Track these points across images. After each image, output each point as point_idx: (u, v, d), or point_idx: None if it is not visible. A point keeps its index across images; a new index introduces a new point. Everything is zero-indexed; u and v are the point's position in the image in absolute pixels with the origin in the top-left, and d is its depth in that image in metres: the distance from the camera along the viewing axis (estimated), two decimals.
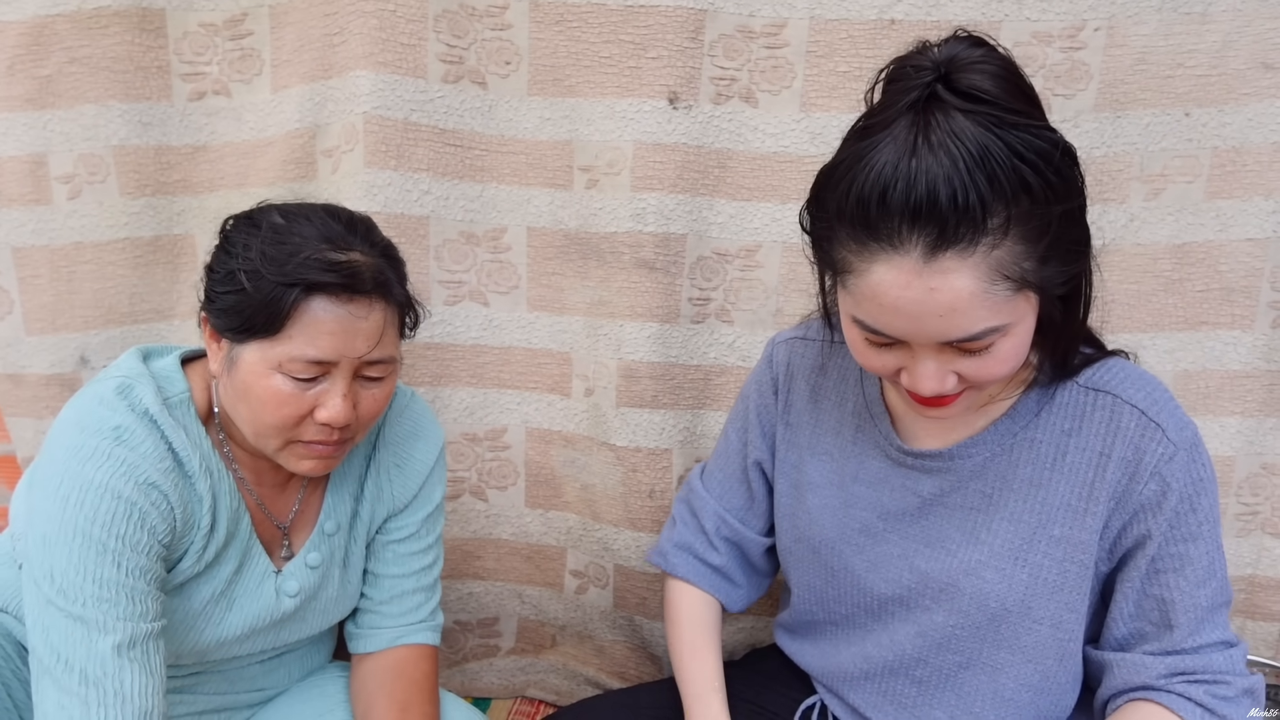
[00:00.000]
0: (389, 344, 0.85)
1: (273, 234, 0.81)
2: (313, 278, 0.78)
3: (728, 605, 1.04)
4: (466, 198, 1.29)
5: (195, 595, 0.87)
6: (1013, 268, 0.68)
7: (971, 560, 0.84)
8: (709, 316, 1.30)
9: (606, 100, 1.24)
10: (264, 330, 0.80)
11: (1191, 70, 1.17)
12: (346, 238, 0.82)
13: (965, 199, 0.65)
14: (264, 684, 0.99)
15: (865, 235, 0.69)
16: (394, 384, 0.89)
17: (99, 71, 1.26)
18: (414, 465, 1.00)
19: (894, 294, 0.69)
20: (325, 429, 0.83)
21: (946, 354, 0.73)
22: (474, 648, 1.48)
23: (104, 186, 1.31)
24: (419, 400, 1.05)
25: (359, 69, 1.22)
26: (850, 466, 0.92)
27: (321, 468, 0.86)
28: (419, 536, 1.01)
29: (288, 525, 0.95)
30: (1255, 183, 1.19)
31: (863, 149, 0.70)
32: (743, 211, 1.26)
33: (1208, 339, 1.25)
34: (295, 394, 0.81)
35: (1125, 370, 0.83)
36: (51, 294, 1.33)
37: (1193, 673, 0.80)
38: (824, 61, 1.21)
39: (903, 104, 0.69)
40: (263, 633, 0.93)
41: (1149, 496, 0.80)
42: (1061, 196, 0.69)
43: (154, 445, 0.81)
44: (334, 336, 0.80)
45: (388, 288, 0.84)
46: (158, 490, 0.80)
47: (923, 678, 0.89)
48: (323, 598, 0.96)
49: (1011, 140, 0.66)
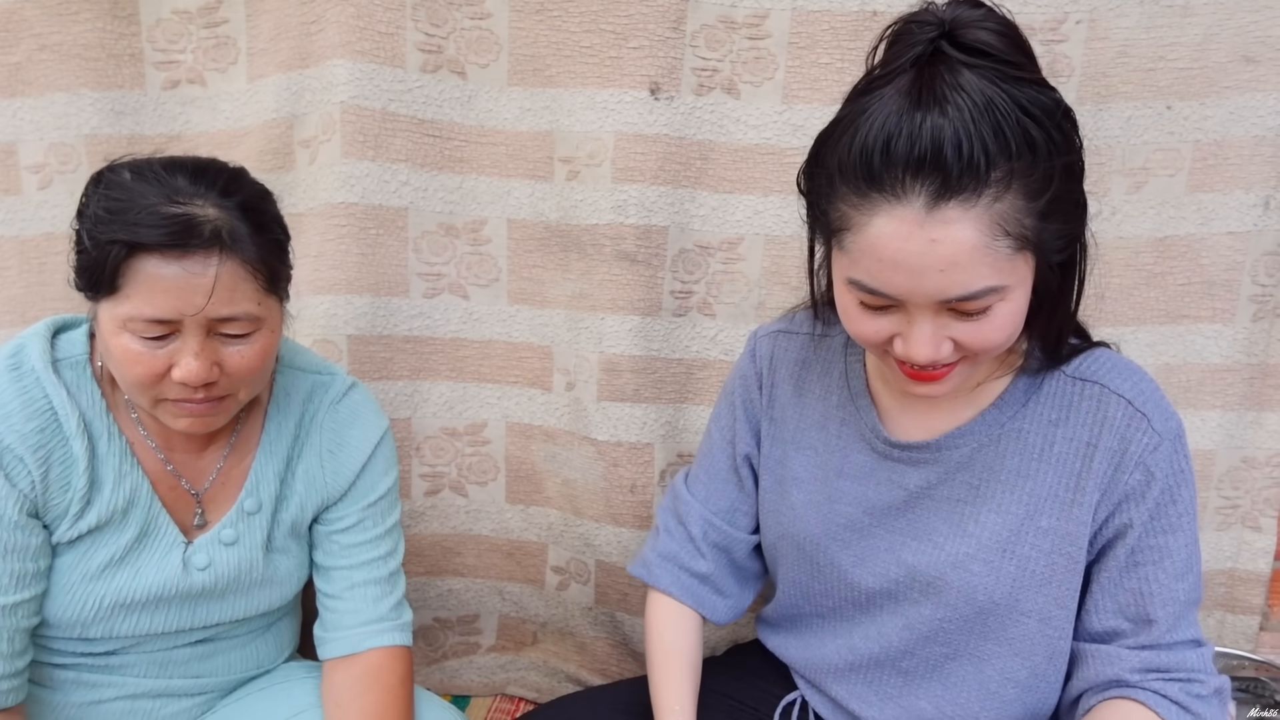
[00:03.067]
0: (240, 300, 0.82)
1: (110, 192, 0.81)
2: (134, 235, 0.78)
3: (712, 618, 1.01)
4: (446, 189, 1.27)
5: (91, 558, 0.87)
6: (1014, 223, 0.68)
7: (959, 553, 0.83)
8: (691, 310, 1.29)
9: (587, 91, 1.22)
10: (104, 289, 0.80)
11: (1173, 63, 1.17)
12: (187, 190, 0.81)
13: (970, 150, 0.66)
14: (200, 671, 0.97)
15: (867, 186, 0.69)
16: (268, 341, 0.87)
17: (70, 59, 1.24)
18: (348, 453, 0.99)
19: (894, 245, 0.69)
20: (186, 388, 0.82)
21: (943, 317, 0.72)
22: (454, 645, 1.46)
23: (75, 176, 1.28)
24: (360, 389, 1.03)
25: (336, 58, 1.21)
26: (835, 461, 0.91)
27: (200, 425, 0.86)
28: (363, 527, 0.99)
29: (202, 493, 0.94)
30: (1236, 176, 1.20)
31: (866, 102, 0.70)
32: (725, 204, 1.25)
33: (1189, 332, 1.25)
34: (146, 352, 0.80)
35: (1113, 361, 0.83)
36: (21, 285, 1.31)
37: (1168, 670, 0.80)
38: (806, 53, 1.20)
39: (906, 59, 0.69)
40: (174, 606, 0.92)
41: (1133, 486, 0.79)
42: (1063, 153, 0.69)
43: (24, 404, 0.83)
44: (168, 294, 0.79)
45: (233, 240, 0.81)
46: (12, 453, 0.82)
47: (909, 669, 0.89)
48: (244, 580, 0.95)
49: (1016, 94, 0.67)
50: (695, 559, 1.00)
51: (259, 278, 0.84)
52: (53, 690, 0.90)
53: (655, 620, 1.00)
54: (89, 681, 0.91)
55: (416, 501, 1.37)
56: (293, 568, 0.99)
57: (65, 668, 0.91)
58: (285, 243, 0.88)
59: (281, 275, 0.88)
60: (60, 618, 0.87)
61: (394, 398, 1.33)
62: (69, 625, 0.88)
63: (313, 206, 1.27)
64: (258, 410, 0.97)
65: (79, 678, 0.91)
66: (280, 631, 1.05)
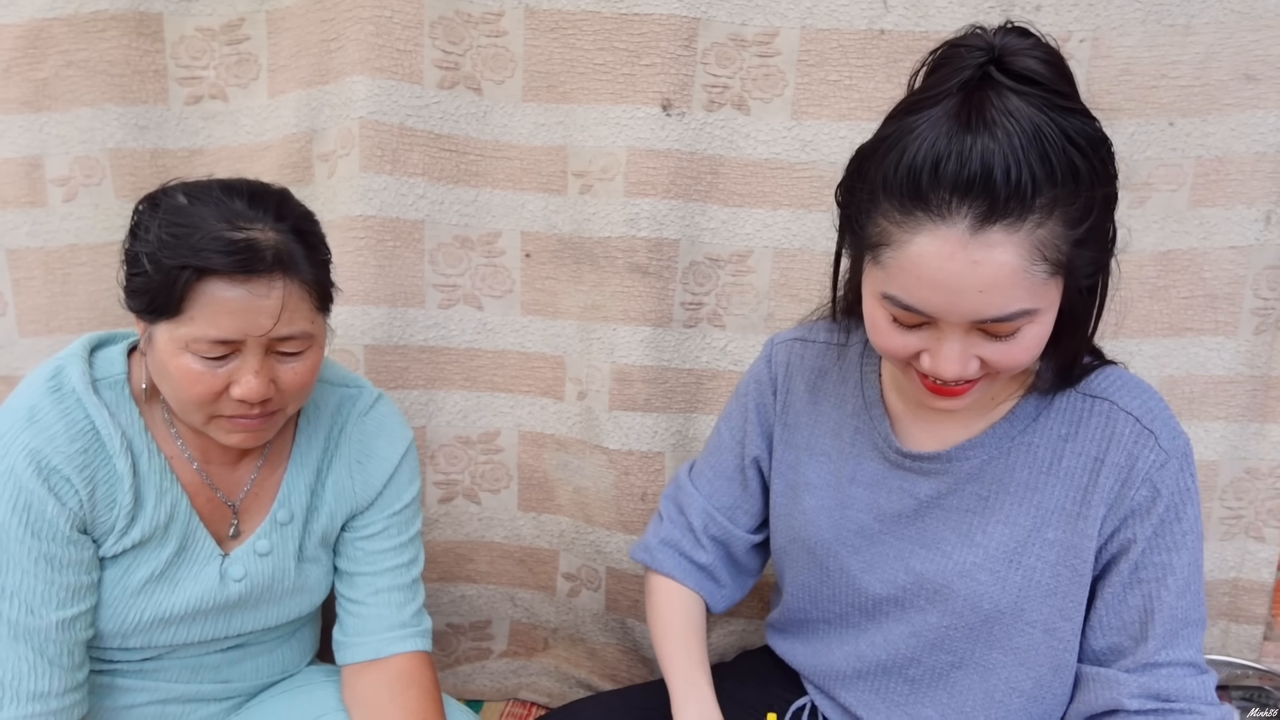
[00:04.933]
0: (298, 319, 0.85)
1: (170, 216, 0.82)
2: (204, 261, 0.79)
3: (711, 605, 1.03)
4: (461, 202, 1.30)
5: (134, 573, 0.89)
6: (1052, 249, 0.69)
7: (966, 562, 0.85)
8: (701, 321, 1.31)
9: (600, 106, 1.25)
10: (166, 312, 0.81)
11: (1175, 81, 1.19)
12: (246, 214, 0.82)
13: (1018, 176, 0.66)
14: (229, 676, 0.99)
15: (912, 205, 0.70)
16: (318, 357, 0.90)
17: (95, 75, 1.27)
18: (376, 463, 1.01)
19: (936, 265, 0.69)
20: (243, 404, 0.84)
21: (973, 336, 0.73)
22: (466, 650, 1.48)
23: (100, 189, 1.31)
24: (386, 401, 1.05)
25: (355, 74, 1.23)
26: (847, 468, 0.92)
27: (251, 440, 0.88)
28: (387, 535, 1.01)
29: (238, 504, 0.95)
30: (1238, 191, 1.22)
31: (913, 122, 0.70)
32: (735, 217, 1.27)
33: (1192, 345, 1.27)
34: (207, 372, 0.82)
35: (1123, 378, 0.84)
36: (46, 296, 1.33)
37: (1167, 699, 0.80)
38: (815, 70, 1.22)
39: (954, 83, 0.70)
40: (210, 617, 0.94)
41: (1139, 502, 0.81)
42: (1103, 183, 0.71)
43: (67, 425, 0.84)
44: (234, 316, 0.81)
45: (291, 263, 0.83)
46: (59, 474, 0.83)
47: (915, 676, 0.90)
48: (277, 589, 0.97)
49: (1063, 124, 0.68)
50: (696, 549, 1.02)
51: (313, 297, 0.87)
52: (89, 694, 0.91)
53: (659, 600, 1.02)
54: (123, 686, 0.93)
55: (430, 509, 1.39)
56: (321, 576, 1.01)
57: (101, 673, 0.92)
58: (330, 262, 0.91)
59: (329, 294, 0.91)
60: (103, 629, 0.89)
61: (409, 407, 1.35)
62: (111, 635, 0.89)
63: (331, 219, 1.29)
64: (289, 423, 0.99)
65: (113, 683, 0.93)
66: (304, 637, 1.08)
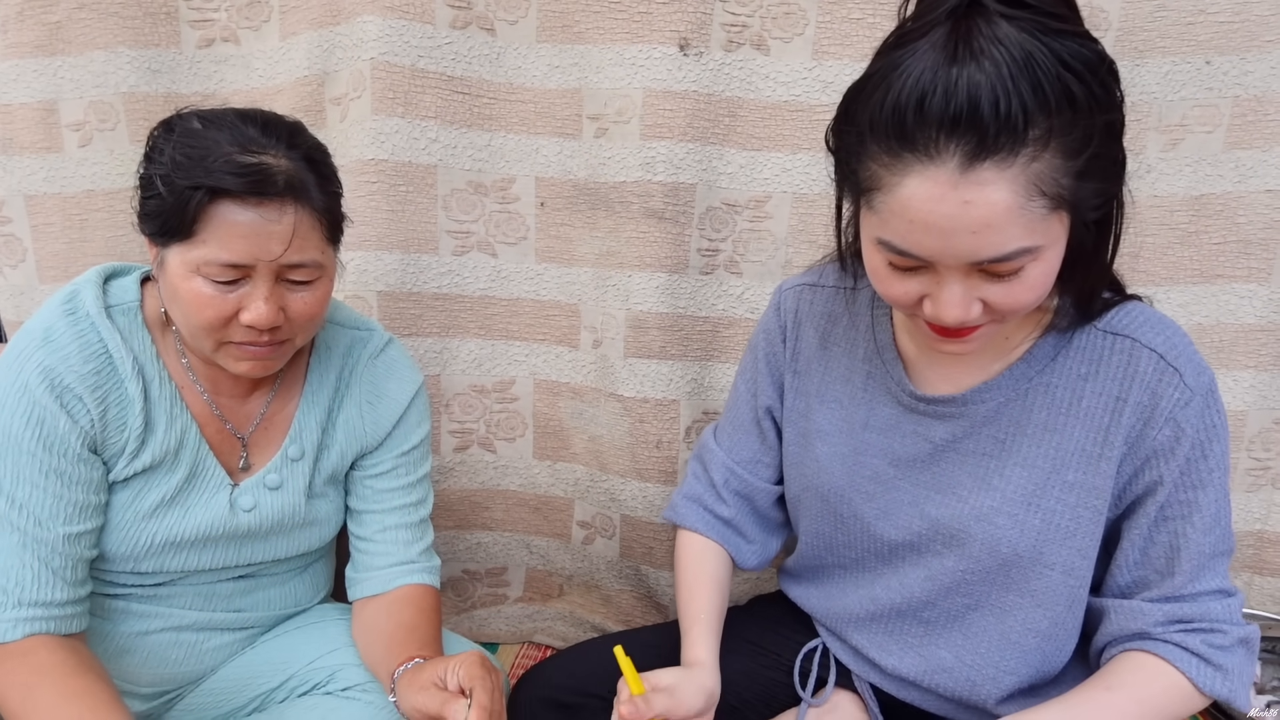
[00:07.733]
0: (309, 248, 0.85)
1: (185, 139, 0.82)
2: (216, 181, 0.80)
3: (738, 559, 1.03)
4: (474, 146, 1.28)
5: (145, 497, 0.91)
6: (1050, 183, 0.66)
7: (984, 506, 0.83)
8: (718, 268, 1.29)
9: (616, 47, 1.22)
10: (179, 234, 0.82)
11: (1213, 17, 1.14)
12: (260, 140, 0.83)
13: (1007, 107, 0.63)
14: (241, 605, 1.01)
15: (899, 146, 0.66)
16: (327, 288, 0.90)
17: (107, 17, 1.26)
18: (387, 403, 1.02)
19: (926, 208, 0.67)
20: (252, 331, 0.85)
21: (974, 278, 0.70)
22: (482, 596, 1.50)
23: (114, 134, 1.31)
24: (396, 344, 1.06)
25: (366, 14, 1.21)
26: (860, 413, 0.91)
27: (259, 369, 0.89)
28: (396, 474, 1.03)
29: (247, 436, 0.97)
30: (1276, 133, 1.17)
31: (899, 57, 0.66)
32: (753, 161, 1.25)
33: (1223, 292, 1.23)
34: (217, 296, 0.83)
35: (1145, 314, 0.82)
36: (64, 242, 1.34)
37: (1190, 621, 0.80)
38: (837, 8, 1.19)
39: (941, 11, 0.66)
40: (221, 544, 0.96)
41: (1163, 442, 0.79)
42: (1104, 109, 0.66)
43: (81, 346, 0.86)
44: (245, 240, 0.81)
45: (303, 190, 0.84)
46: (72, 393, 0.85)
47: (930, 619, 0.90)
48: (287, 522, 0.98)
49: (1057, 48, 0.64)
50: (718, 503, 1.02)
51: (323, 226, 0.87)
52: (104, 620, 0.94)
53: (684, 553, 1.02)
54: (138, 611, 0.95)
55: (446, 457, 1.40)
56: (331, 511, 1.03)
57: (116, 597, 0.95)
58: (341, 195, 0.91)
59: (340, 225, 0.91)
60: (115, 552, 0.91)
61: (423, 354, 1.35)
62: (123, 559, 0.91)
63: (343, 163, 1.26)
64: (300, 360, 1.00)
65: (128, 607, 0.95)
66: (316, 573, 1.09)
